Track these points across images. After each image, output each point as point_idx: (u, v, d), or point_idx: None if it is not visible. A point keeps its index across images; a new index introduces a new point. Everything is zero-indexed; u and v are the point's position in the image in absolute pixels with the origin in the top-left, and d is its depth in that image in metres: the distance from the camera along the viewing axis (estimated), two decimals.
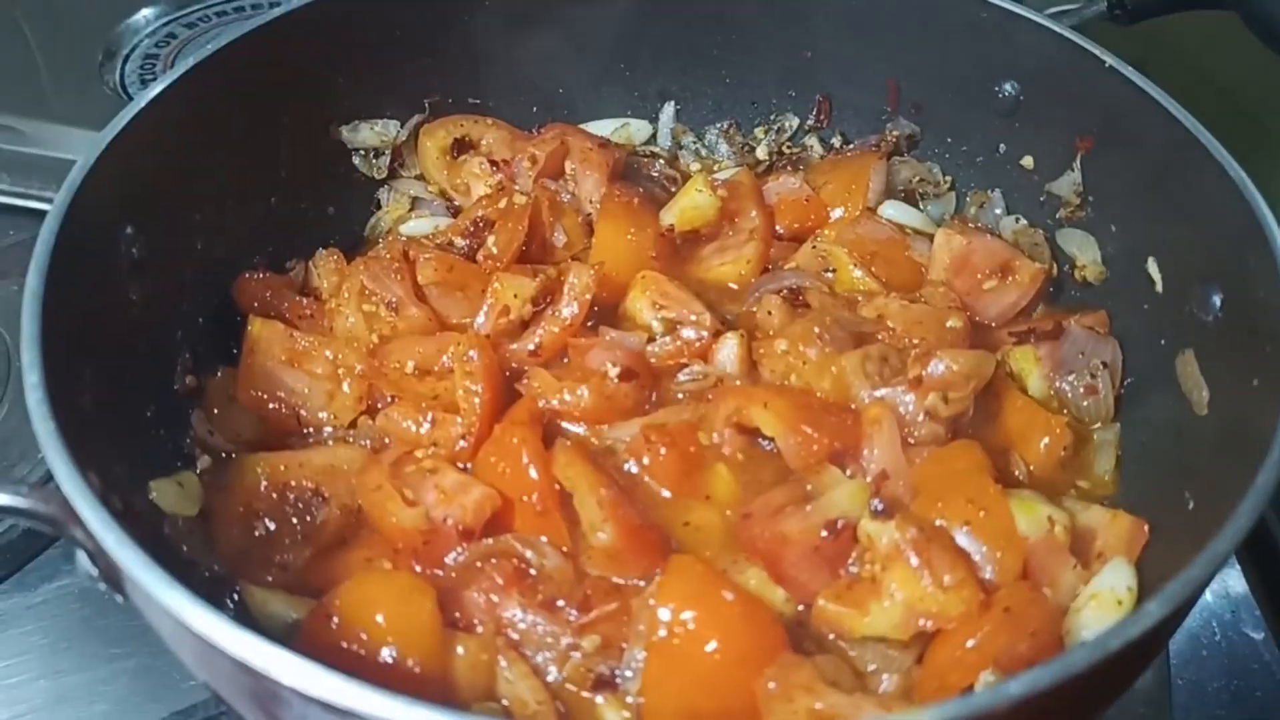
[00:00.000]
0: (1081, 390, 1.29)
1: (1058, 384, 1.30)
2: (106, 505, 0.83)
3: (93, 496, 0.83)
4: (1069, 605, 1.08)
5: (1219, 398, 1.14)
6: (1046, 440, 1.23)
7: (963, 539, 1.08)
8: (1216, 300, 1.15)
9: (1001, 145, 1.50)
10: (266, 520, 1.13)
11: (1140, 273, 1.29)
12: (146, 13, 2.00)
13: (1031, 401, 1.28)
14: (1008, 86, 1.44)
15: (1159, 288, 1.27)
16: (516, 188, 1.46)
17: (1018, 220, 1.49)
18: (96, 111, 1.54)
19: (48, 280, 0.99)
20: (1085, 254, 1.41)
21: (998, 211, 1.52)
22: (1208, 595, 1.33)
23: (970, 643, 0.99)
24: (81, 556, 0.92)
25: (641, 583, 1.08)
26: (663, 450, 1.19)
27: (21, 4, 2.04)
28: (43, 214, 1.04)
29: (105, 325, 1.11)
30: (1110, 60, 1.29)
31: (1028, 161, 1.48)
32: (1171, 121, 1.21)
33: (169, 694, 1.21)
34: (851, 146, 1.61)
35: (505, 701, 1.03)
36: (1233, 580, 1.36)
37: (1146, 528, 1.13)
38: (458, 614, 1.07)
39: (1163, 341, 1.24)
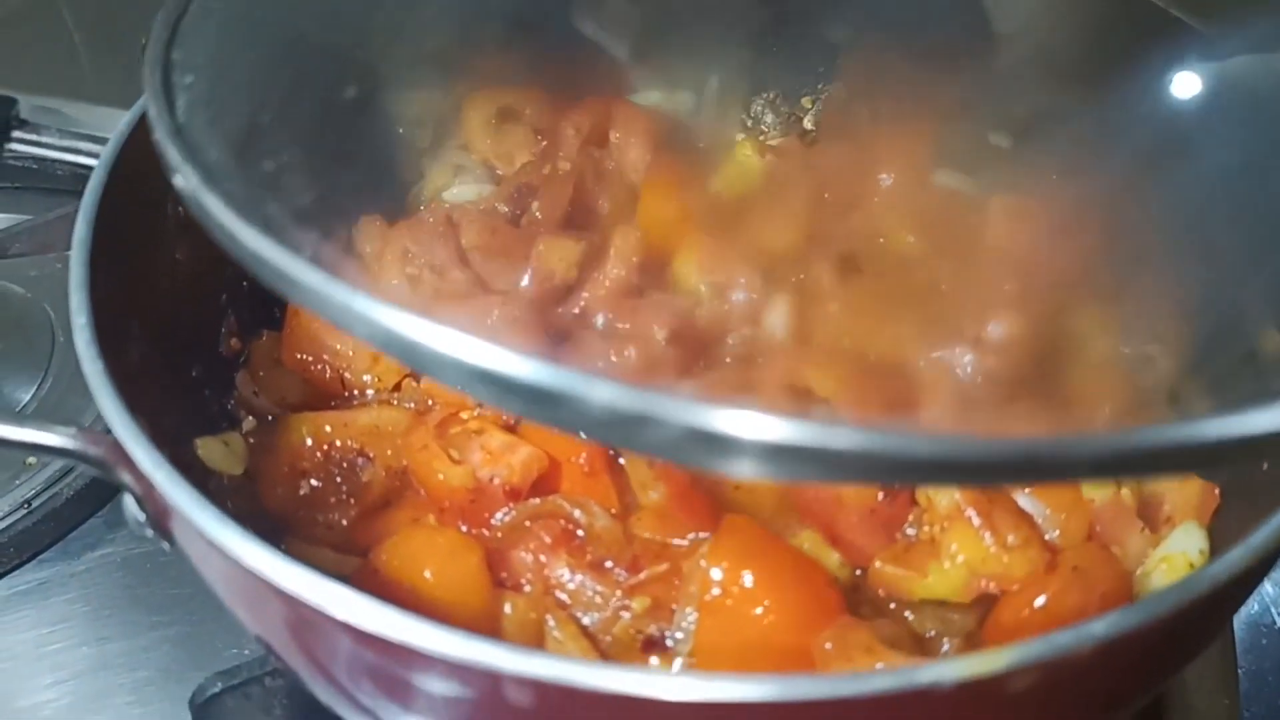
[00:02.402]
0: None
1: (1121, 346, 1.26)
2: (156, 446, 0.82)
3: (142, 435, 0.81)
4: (1136, 570, 1.05)
5: None
6: (1110, 403, 1.19)
7: (1025, 501, 1.05)
8: None
9: None
10: (312, 480, 1.12)
11: None
12: None
13: (1094, 363, 1.24)
14: None
15: None
16: (560, 155, 1.44)
17: None
18: (137, 94, 1.55)
19: (95, 229, 0.98)
20: None
21: None
22: (1266, 584, 1.28)
23: (1039, 601, 0.96)
24: (129, 503, 0.91)
25: (693, 538, 1.05)
26: None
27: None
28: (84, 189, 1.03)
29: (152, 282, 1.11)
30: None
31: None
32: None
33: (212, 661, 1.21)
34: None
35: None
36: None
37: (1218, 491, 1.08)
38: (505, 574, 1.05)
39: None
